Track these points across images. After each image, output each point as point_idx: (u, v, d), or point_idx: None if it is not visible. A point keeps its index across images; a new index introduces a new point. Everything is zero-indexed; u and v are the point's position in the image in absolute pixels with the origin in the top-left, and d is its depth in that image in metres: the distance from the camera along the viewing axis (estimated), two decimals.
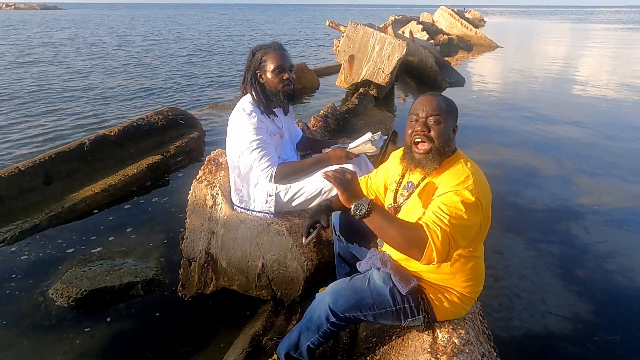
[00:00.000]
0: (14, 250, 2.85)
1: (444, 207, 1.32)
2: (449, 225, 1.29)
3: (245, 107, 2.07)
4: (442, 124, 1.44)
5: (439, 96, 1.49)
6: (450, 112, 1.48)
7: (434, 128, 1.44)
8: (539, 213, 3.57)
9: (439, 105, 1.45)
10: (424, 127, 1.44)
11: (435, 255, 1.28)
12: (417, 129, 1.45)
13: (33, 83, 8.61)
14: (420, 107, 1.47)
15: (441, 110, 1.44)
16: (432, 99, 1.47)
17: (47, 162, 3.60)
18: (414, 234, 1.30)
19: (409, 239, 1.30)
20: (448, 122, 1.46)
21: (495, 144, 5.34)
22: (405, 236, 1.31)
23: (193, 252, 2.30)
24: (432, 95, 1.49)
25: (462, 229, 1.31)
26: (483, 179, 1.43)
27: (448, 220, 1.29)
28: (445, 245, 1.28)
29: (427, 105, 1.45)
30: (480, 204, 1.35)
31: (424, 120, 1.45)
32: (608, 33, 29.21)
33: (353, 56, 7.03)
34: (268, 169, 2.07)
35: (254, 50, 2.11)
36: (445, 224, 1.29)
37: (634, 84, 9.78)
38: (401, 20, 17.21)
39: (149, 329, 2.22)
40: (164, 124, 4.66)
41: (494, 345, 1.61)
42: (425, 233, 1.29)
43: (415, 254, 1.30)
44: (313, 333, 1.59)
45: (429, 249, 1.28)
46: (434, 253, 1.27)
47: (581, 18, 63.68)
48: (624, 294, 2.57)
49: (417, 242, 1.29)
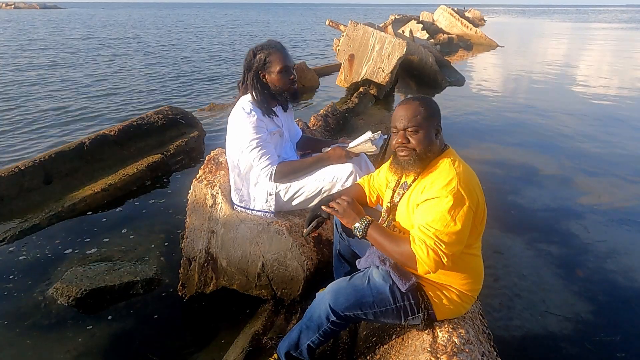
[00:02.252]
0: (14, 250, 2.86)
1: (430, 218, 1.37)
2: (434, 239, 1.35)
3: (244, 106, 2.07)
4: (420, 132, 1.46)
5: (414, 103, 1.49)
6: (429, 117, 1.48)
7: (413, 138, 1.47)
8: (539, 213, 3.57)
9: (415, 114, 1.46)
10: (403, 139, 1.49)
11: (427, 269, 1.38)
12: (397, 140, 1.50)
13: (33, 83, 8.61)
14: (397, 119, 1.50)
15: (418, 120, 1.46)
16: (407, 109, 1.48)
17: (47, 162, 3.61)
18: (404, 251, 1.41)
19: (401, 255, 1.43)
20: (427, 128, 1.47)
21: (495, 143, 5.34)
22: (397, 252, 1.43)
23: (193, 252, 2.30)
24: (408, 104, 1.49)
25: (452, 237, 1.35)
26: (471, 177, 1.43)
27: (433, 234, 1.35)
28: (433, 259, 1.35)
29: (404, 117, 1.48)
30: (468, 205, 1.36)
31: (402, 132, 1.49)
32: (608, 32, 29.20)
33: (353, 55, 7.02)
34: (268, 167, 2.07)
35: (255, 51, 2.09)
36: (430, 237, 1.35)
37: (634, 84, 9.78)
38: (401, 19, 17.18)
39: (149, 328, 2.22)
40: (164, 124, 4.66)
41: (494, 345, 1.61)
42: (412, 253, 1.38)
43: (412, 266, 1.42)
44: (313, 332, 1.60)
45: (420, 264, 1.38)
46: (426, 266, 1.37)
47: (581, 17, 63.64)
48: (624, 294, 2.58)
49: (407, 257, 1.41)
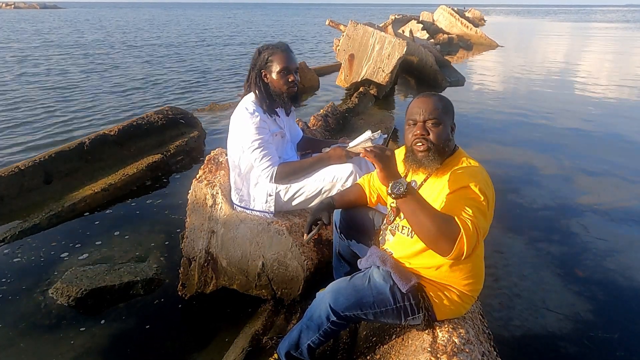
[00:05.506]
0: (13, 250, 2.85)
1: (467, 201, 1.31)
2: (476, 218, 1.27)
3: (248, 106, 2.07)
4: (440, 125, 1.44)
5: (434, 97, 1.48)
6: (447, 112, 1.47)
7: (432, 131, 1.44)
8: (539, 212, 3.57)
9: (435, 107, 1.44)
10: (423, 130, 1.44)
11: (466, 249, 1.24)
12: (416, 132, 1.45)
13: (33, 82, 8.60)
14: (417, 111, 1.46)
15: (438, 113, 1.44)
16: (428, 101, 1.46)
17: (47, 162, 3.60)
18: (446, 224, 1.25)
19: (440, 229, 1.25)
20: (446, 123, 1.46)
21: (495, 143, 5.34)
22: (438, 225, 1.25)
23: (193, 252, 2.30)
24: (427, 96, 1.48)
25: (484, 223, 1.30)
26: (488, 175, 1.43)
27: (473, 213, 1.28)
28: (475, 238, 1.25)
29: (424, 109, 1.44)
30: (489, 199, 1.35)
31: (422, 124, 1.44)
32: (608, 32, 29.18)
33: (353, 55, 7.02)
34: (269, 168, 2.07)
35: (260, 49, 2.11)
36: (471, 216, 1.27)
37: (635, 83, 9.78)
38: (401, 19, 17.14)
39: (148, 329, 2.22)
40: (164, 123, 4.65)
41: (494, 345, 1.61)
42: (458, 225, 1.25)
43: (444, 246, 1.25)
44: (313, 332, 1.59)
45: (461, 242, 1.23)
46: (465, 246, 1.23)
47: (582, 17, 63.62)
48: (623, 293, 2.57)
49: (448, 233, 1.24)
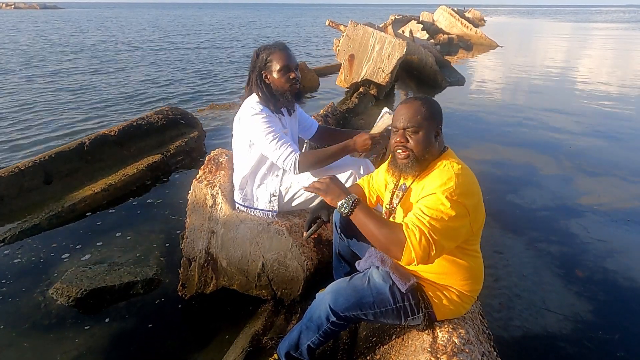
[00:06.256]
0: (13, 250, 2.85)
1: (426, 209, 1.33)
2: (428, 226, 1.30)
3: (254, 106, 2.07)
4: (420, 132, 1.45)
5: (416, 102, 1.48)
6: (430, 118, 1.47)
7: (412, 138, 1.46)
8: (539, 213, 3.57)
9: (416, 113, 1.45)
10: (402, 138, 1.47)
11: (414, 256, 1.30)
12: (396, 139, 1.49)
13: (33, 82, 8.60)
14: (397, 118, 1.49)
15: (418, 120, 1.45)
16: (409, 108, 1.47)
17: (47, 162, 3.60)
18: (392, 233, 1.33)
19: (387, 238, 1.33)
20: (427, 129, 1.46)
21: (495, 143, 5.34)
22: (384, 235, 1.34)
23: (193, 252, 2.30)
24: (410, 102, 1.49)
25: (445, 231, 1.31)
26: (470, 180, 1.41)
27: (428, 222, 1.30)
28: (424, 247, 1.29)
29: (404, 116, 1.47)
30: (464, 206, 1.34)
31: (402, 131, 1.47)
32: (608, 32, 29.19)
33: (353, 55, 7.02)
34: (291, 156, 2.01)
35: (258, 51, 2.11)
36: (424, 225, 1.30)
37: (635, 83, 9.78)
38: (401, 19, 17.16)
39: (149, 329, 2.22)
40: (164, 124, 4.65)
41: (494, 345, 1.61)
42: (404, 234, 1.31)
43: (394, 253, 1.34)
44: (313, 332, 1.59)
45: (407, 250, 1.30)
46: (412, 254, 1.30)
47: (582, 17, 63.62)
48: (623, 293, 2.57)
49: (395, 242, 1.32)
